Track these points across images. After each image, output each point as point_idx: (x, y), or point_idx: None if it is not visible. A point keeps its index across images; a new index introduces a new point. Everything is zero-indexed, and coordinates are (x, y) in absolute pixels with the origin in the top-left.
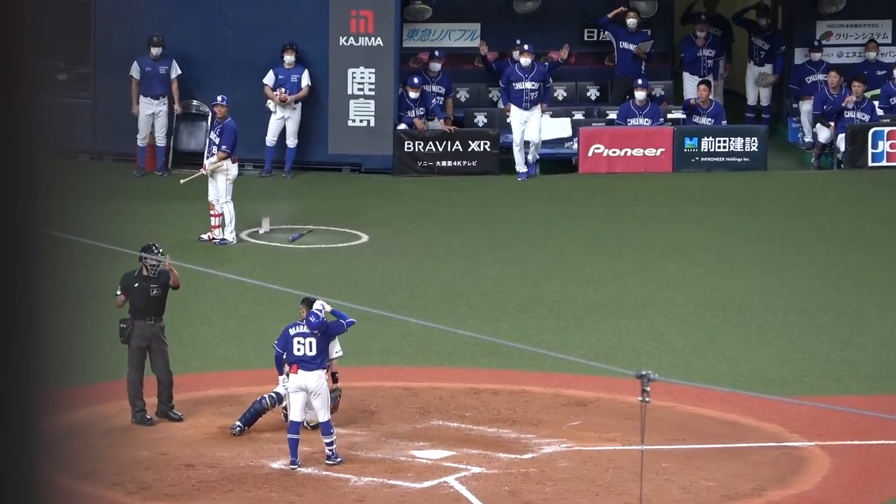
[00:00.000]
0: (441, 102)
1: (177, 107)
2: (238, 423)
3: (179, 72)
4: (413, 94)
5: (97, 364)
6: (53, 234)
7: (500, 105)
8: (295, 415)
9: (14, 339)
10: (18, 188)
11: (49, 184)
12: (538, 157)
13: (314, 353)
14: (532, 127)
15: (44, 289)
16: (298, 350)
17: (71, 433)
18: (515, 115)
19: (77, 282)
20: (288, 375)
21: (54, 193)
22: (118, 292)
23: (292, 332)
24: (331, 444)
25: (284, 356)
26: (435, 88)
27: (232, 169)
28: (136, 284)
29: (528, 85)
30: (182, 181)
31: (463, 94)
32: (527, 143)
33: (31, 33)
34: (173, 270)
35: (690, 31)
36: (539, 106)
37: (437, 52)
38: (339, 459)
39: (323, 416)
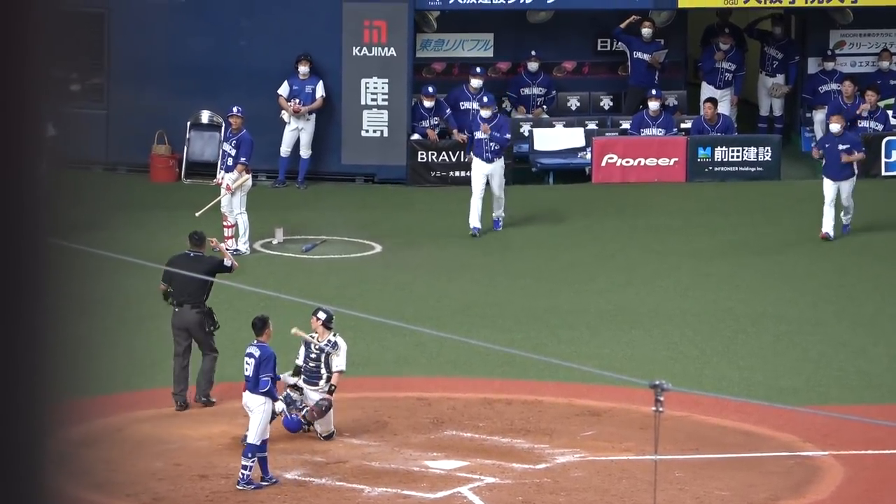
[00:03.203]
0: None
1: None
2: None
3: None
4: (428, 104)
5: (111, 374)
6: (64, 245)
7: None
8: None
9: (24, 350)
10: (29, 198)
11: (61, 194)
12: (503, 214)
13: (250, 373)
14: (495, 181)
15: (54, 299)
16: (245, 370)
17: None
18: (477, 167)
19: (89, 292)
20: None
21: (66, 204)
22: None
23: (246, 352)
24: (245, 467)
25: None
26: (476, 106)
27: (246, 180)
28: None
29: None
30: (197, 214)
31: None
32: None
33: (40, 44)
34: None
35: (714, 42)
36: (501, 159)
37: (478, 69)
38: (250, 486)
39: (251, 436)
